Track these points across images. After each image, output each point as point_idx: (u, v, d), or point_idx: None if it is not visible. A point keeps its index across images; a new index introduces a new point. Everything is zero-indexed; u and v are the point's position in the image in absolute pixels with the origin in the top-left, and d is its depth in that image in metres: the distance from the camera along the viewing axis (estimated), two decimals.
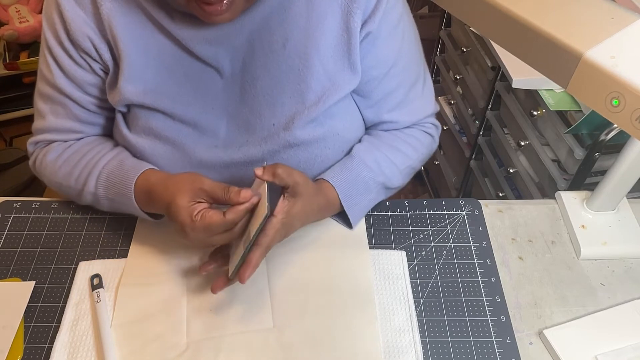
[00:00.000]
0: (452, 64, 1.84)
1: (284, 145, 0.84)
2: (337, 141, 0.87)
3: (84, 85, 0.84)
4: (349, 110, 0.88)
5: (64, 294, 0.82)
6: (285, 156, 0.85)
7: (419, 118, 0.93)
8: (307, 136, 0.84)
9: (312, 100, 0.82)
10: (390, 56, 0.85)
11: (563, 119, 1.23)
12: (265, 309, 0.80)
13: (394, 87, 0.88)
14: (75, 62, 0.81)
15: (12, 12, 2.04)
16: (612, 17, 0.46)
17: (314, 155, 0.86)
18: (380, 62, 0.85)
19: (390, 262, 0.86)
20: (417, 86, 0.91)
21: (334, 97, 0.83)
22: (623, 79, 0.43)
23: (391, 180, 0.89)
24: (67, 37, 0.79)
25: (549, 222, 0.94)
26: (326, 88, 0.82)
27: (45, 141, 0.89)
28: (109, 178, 0.83)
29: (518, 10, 0.49)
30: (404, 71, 0.88)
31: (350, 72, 0.83)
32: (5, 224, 0.91)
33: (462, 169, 1.83)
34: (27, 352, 0.76)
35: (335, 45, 0.81)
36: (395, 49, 0.85)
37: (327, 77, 0.82)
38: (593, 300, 0.83)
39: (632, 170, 0.83)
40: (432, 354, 0.76)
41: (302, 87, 0.82)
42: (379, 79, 0.86)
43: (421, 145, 0.94)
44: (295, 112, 0.83)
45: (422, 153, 0.94)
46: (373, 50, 0.83)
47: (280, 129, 0.83)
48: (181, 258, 0.85)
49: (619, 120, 0.45)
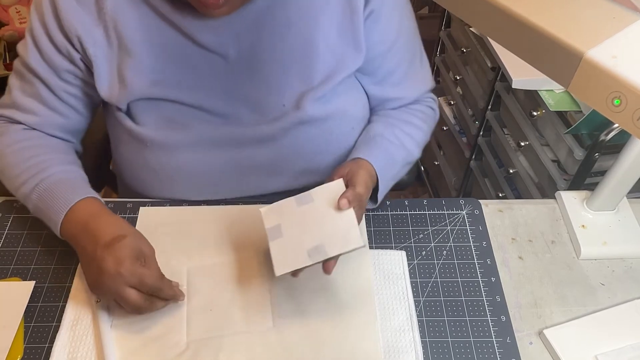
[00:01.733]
0: (452, 64, 1.84)
1: (295, 122, 0.86)
2: (345, 118, 0.90)
3: (59, 71, 0.84)
4: (354, 88, 0.92)
5: (64, 294, 0.82)
6: (296, 133, 0.87)
7: (421, 92, 0.97)
8: (316, 113, 0.86)
9: (319, 80, 0.85)
10: (392, 33, 0.89)
11: (563, 119, 1.23)
12: (265, 309, 0.80)
13: (397, 63, 0.92)
14: (57, 47, 0.82)
15: (13, 13, 2.04)
16: (614, 16, 0.46)
17: (323, 131, 0.89)
18: (384, 39, 0.88)
19: (390, 261, 0.86)
20: (416, 61, 0.95)
21: (341, 75, 0.86)
22: (624, 79, 0.43)
23: (412, 153, 0.92)
24: (55, 22, 0.80)
25: (549, 222, 0.94)
26: (332, 67, 0.85)
27: (7, 118, 0.88)
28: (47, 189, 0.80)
29: (519, 10, 0.49)
30: (405, 47, 0.92)
31: (355, 51, 0.86)
32: (5, 224, 0.91)
33: (462, 169, 1.83)
34: (27, 352, 0.76)
35: (339, 26, 0.84)
36: (396, 26, 0.89)
37: (332, 57, 0.85)
38: (593, 300, 0.83)
39: (632, 170, 0.83)
40: (432, 354, 0.76)
41: (309, 68, 0.84)
42: (383, 55, 0.89)
43: (428, 117, 0.98)
44: (304, 91, 0.85)
45: (430, 125, 0.98)
46: (376, 27, 0.86)
47: (290, 108, 0.86)
48: (181, 258, 0.85)
49: (620, 120, 0.44)
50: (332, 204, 0.74)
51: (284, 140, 0.88)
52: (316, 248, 0.72)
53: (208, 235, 0.88)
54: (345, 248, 0.72)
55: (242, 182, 0.91)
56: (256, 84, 0.85)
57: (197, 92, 0.84)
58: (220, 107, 0.85)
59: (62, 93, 0.86)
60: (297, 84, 0.85)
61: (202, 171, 0.89)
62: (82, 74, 0.85)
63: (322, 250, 0.72)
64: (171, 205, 0.92)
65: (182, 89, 0.83)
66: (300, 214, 0.75)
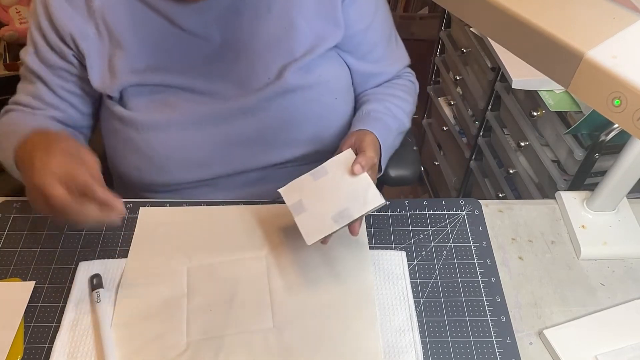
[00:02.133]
0: (452, 64, 1.84)
1: (278, 92, 0.90)
2: (327, 87, 0.94)
3: (54, 69, 0.89)
4: (336, 61, 0.97)
5: (64, 294, 0.82)
6: (281, 102, 0.91)
7: (400, 68, 1.06)
8: (298, 82, 0.90)
9: (300, 53, 0.90)
10: (369, 11, 0.96)
11: (563, 119, 1.23)
12: (265, 309, 0.80)
13: (376, 41, 0.99)
14: (51, 46, 0.87)
15: (13, 13, 2.03)
16: (614, 17, 0.46)
17: (307, 100, 0.93)
18: (362, 17, 0.95)
19: (390, 262, 0.86)
20: (392, 40, 1.04)
21: (321, 49, 0.91)
22: (624, 79, 0.43)
23: (403, 123, 1.00)
24: (48, 22, 0.85)
25: (549, 222, 0.94)
26: (313, 43, 0.91)
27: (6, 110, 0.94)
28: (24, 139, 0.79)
29: (519, 10, 0.49)
30: (382, 26, 1.00)
31: (335, 27, 0.92)
32: (5, 224, 0.91)
33: (462, 169, 1.83)
34: (27, 352, 0.76)
35: (317, 4, 0.90)
36: (373, 6, 0.97)
37: (313, 34, 0.91)
38: (593, 300, 0.83)
39: (632, 170, 0.83)
40: (432, 354, 0.76)
41: (291, 44, 0.90)
42: (362, 33, 0.96)
43: (411, 90, 1.06)
44: (286, 63, 0.90)
45: (413, 97, 1.06)
46: (354, 6, 0.93)
47: (273, 79, 0.90)
48: (181, 258, 0.85)
49: (621, 120, 0.44)
50: (346, 172, 0.78)
51: (269, 111, 0.91)
52: (340, 213, 0.76)
53: (208, 235, 0.88)
54: (368, 207, 0.75)
55: (233, 156, 0.94)
56: (240, 63, 0.89)
57: (184, 75, 0.88)
58: (206, 86, 0.89)
59: (58, 89, 0.91)
60: (280, 58, 0.90)
61: (193, 149, 0.92)
62: (76, 70, 0.89)
63: (347, 214, 0.76)
64: (171, 206, 0.92)
65: (170, 73, 0.88)
66: (317, 187, 0.78)
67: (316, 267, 0.84)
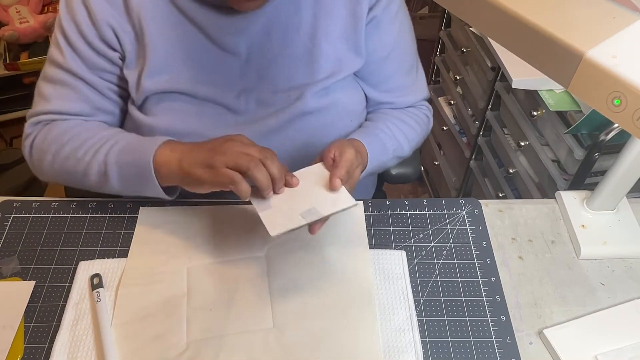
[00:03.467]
0: (452, 64, 1.84)
1: (298, 114, 0.90)
2: (343, 110, 0.94)
3: (99, 72, 0.86)
4: (352, 85, 0.96)
5: (64, 294, 0.82)
6: (300, 124, 0.91)
7: (415, 101, 1.02)
8: (317, 104, 0.90)
9: (321, 77, 0.90)
10: (390, 41, 0.94)
11: (563, 119, 1.23)
12: (265, 309, 0.80)
13: (392, 72, 0.97)
14: (94, 49, 0.84)
15: (13, 13, 2.04)
16: (614, 16, 0.46)
17: (325, 122, 0.93)
18: (382, 46, 0.94)
19: (390, 261, 0.86)
20: (412, 72, 1.01)
21: (341, 75, 0.91)
22: (624, 79, 0.43)
23: (402, 147, 0.97)
24: (90, 26, 0.82)
25: (549, 222, 0.94)
26: (335, 67, 0.91)
27: (47, 120, 0.88)
28: (125, 146, 0.81)
29: (519, 10, 0.49)
30: (401, 57, 0.97)
31: (355, 55, 0.92)
32: (5, 224, 0.91)
33: (462, 169, 1.83)
34: (27, 352, 0.76)
35: (342, 30, 0.90)
36: (394, 35, 0.95)
37: (335, 58, 0.90)
38: (593, 300, 0.83)
39: (632, 170, 0.83)
40: (432, 354, 0.76)
41: (314, 66, 0.90)
42: (378, 62, 0.95)
43: (421, 121, 1.02)
44: (307, 84, 0.90)
45: (423, 129, 1.02)
46: (376, 33, 0.92)
47: (294, 100, 0.90)
48: (181, 258, 0.85)
49: (621, 120, 0.44)
50: (318, 181, 0.77)
51: (288, 131, 0.91)
52: (309, 211, 0.74)
53: (208, 235, 0.88)
54: (338, 207, 0.74)
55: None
56: (264, 81, 0.89)
57: (209, 87, 0.87)
58: (230, 101, 0.88)
59: (107, 91, 0.89)
60: (303, 79, 0.90)
61: None
62: (120, 72, 0.87)
63: (315, 211, 0.74)
64: (171, 205, 0.92)
65: (194, 83, 0.86)
66: (287, 191, 0.77)
67: (316, 267, 0.84)
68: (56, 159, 0.85)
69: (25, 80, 2.16)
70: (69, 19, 0.83)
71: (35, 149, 0.87)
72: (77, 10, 0.82)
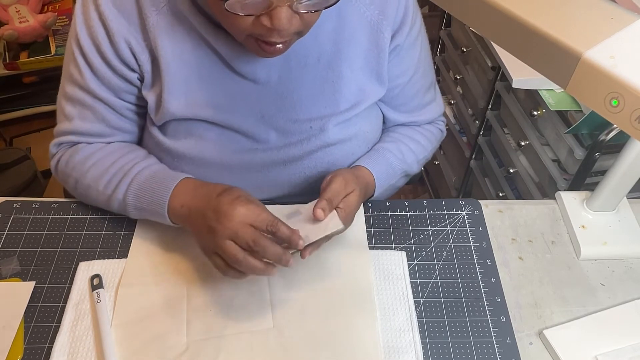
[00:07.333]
0: (452, 64, 1.84)
1: (320, 145, 0.90)
2: (365, 139, 0.94)
3: (118, 92, 0.85)
4: (375, 113, 0.96)
5: (64, 294, 0.82)
6: (321, 155, 0.91)
7: (432, 118, 1.02)
8: (339, 136, 0.90)
9: (344, 107, 0.88)
10: (412, 65, 0.93)
11: (563, 119, 1.23)
12: (265, 309, 0.80)
13: (414, 94, 0.97)
14: (113, 70, 0.82)
15: (12, 12, 2.04)
16: (612, 17, 0.46)
17: (346, 152, 0.93)
18: (404, 71, 0.92)
19: (390, 262, 0.86)
20: (431, 89, 1.01)
21: (364, 105, 0.90)
22: (622, 79, 0.43)
23: (411, 167, 0.98)
24: (109, 46, 0.80)
25: (549, 222, 0.94)
26: (357, 98, 0.89)
27: (70, 142, 0.89)
28: (141, 186, 0.82)
29: (517, 11, 0.49)
30: (422, 78, 0.97)
31: (378, 84, 0.90)
32: (5, 224, 0.91)
33: (462, 169, 1.83)
34: (27, 352, 0.76)
35: (364, 59, 0.87)
36: (416, 58, 0.93)
37: (357, 88, 0.88)
38: (593, 300, 0.83)
39: (632, 170, 0.83)
40: (432, 354, 0.76)
41: (336, 96, 0.87)
42: (402, 86, 0.94)
43: (434, 137, 1.03)
44: (329, 115, 0.88)
45: (434, 146, 1.03)
46: (398, 60, 0.90)
47: (316, 131, 0.89)
48: (181, 258, 0.85)
49: (619, 121, 0.44)
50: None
51: (308, 161, 0.91)
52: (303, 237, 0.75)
53: None
54: (326, 232, 0.76)
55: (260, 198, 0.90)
56: (285, 110, 0.87)
57: (228, 114, 0.85)
58: (249, 129, 0.87)
59: (125, 111, 0.87)
60: (325, 109, 0.88)
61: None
62: (138, 92, 0.86)
63: (306, 238, 0.75)
64: None
65: (213, 109, 0.84)
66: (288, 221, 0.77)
67: (316, 267, 0.84)
68: (78, 186, 0.88)
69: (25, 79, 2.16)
70: (88, 38, 0.80)
71: (59, 171, 0.90)
72: (96, 29, 0.79)
